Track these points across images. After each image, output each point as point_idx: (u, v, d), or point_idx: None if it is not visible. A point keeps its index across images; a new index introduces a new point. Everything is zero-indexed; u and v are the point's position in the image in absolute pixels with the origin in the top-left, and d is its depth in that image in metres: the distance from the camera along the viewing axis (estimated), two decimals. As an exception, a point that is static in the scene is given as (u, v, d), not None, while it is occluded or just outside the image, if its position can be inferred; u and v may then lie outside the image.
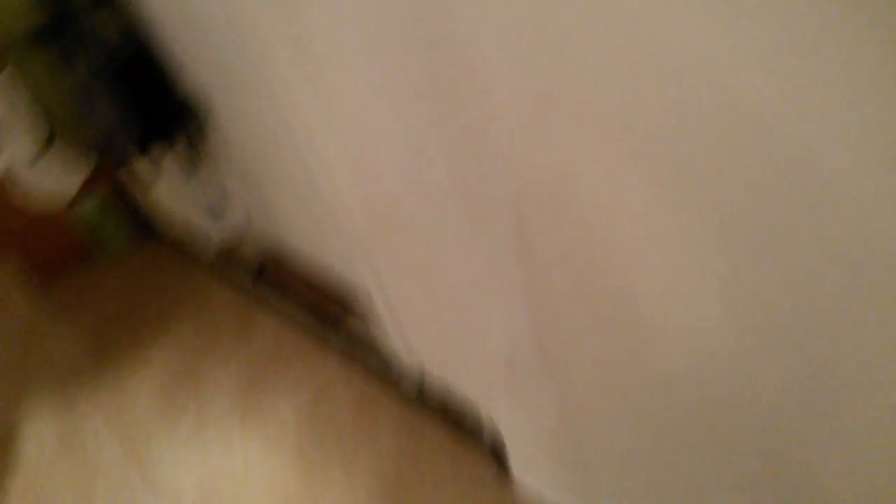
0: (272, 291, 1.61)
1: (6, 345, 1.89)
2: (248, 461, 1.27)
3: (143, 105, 1.34)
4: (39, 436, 1.50)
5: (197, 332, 1.69)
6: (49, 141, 1.41)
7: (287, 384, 1.42)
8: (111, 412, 1.50)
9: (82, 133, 1.29)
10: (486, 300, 0.76)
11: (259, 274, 1.65)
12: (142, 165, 1.64)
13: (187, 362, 1.59)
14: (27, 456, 1.45)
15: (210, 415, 1.41)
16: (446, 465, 1.12)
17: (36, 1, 1.22)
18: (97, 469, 1.36)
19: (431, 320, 1.03)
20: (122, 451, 1.39)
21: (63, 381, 1.66)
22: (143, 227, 2.22)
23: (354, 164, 0.82)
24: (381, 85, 0.64)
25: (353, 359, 1.40)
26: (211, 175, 1.58)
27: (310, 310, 1.48)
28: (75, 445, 1.44)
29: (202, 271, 1.95)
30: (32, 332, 1.91)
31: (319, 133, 0.86)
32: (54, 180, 1.57)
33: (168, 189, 1.72)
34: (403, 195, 0.75)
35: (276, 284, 1.60)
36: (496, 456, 1.07)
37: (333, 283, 1.48)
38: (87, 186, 1.80)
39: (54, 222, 2.08)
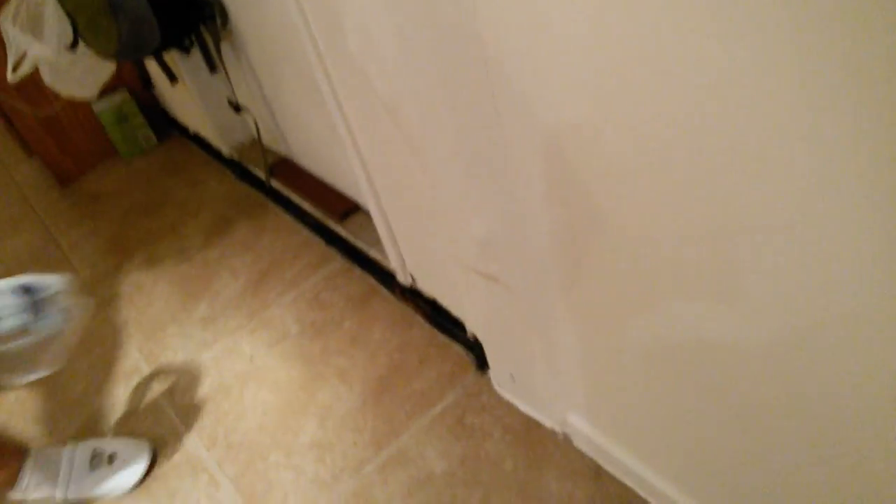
0: (283, 186, 1.70)
1: (32, 236, 2.02)
2: (253, 354, 1.39)
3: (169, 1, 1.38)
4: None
5: (211, 227, 1.80)
6: (79, 34, 1.46)
7: (292, 277, 1.54)
8: (126, 304, 1.63)
9: (111, 25, 1.33)
10: (474, 210, 0.83)
11: (271, 171, 1.74)
12: (163, 62, 1.69)
13: (201, 256, 1.71)
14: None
15: (220, 308, 1.53)
16: (432, 357, 1.25)
17: None
18: (112, 360, 1.49)
19: (423, 242, 1.12)
20: (135, 342, 1.52)
21: (82, 273, 1.79)
22: (164, 124, 2.30)
23: (353, 73, 0.88)
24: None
25: (354, 254, 1.50)
26: (228, 75, 1.63)
27: (317, 204, 1.56)
28: (93, 335, 1.57)
29: (218, 168, 2.04)
30: (55, 225, 2.03)
31: (324, 46, 0.91)
32: (83, 73, 1.63)
33: (188, 86, 1.79)
34: (398, 103, 0.80)
35: (287, 180, 1.68)
36: (476, 352, 1.19)
37: (340, 183, 1.56)
38: (111, 84, 1.86)
39: (78, 119, 2.16)
